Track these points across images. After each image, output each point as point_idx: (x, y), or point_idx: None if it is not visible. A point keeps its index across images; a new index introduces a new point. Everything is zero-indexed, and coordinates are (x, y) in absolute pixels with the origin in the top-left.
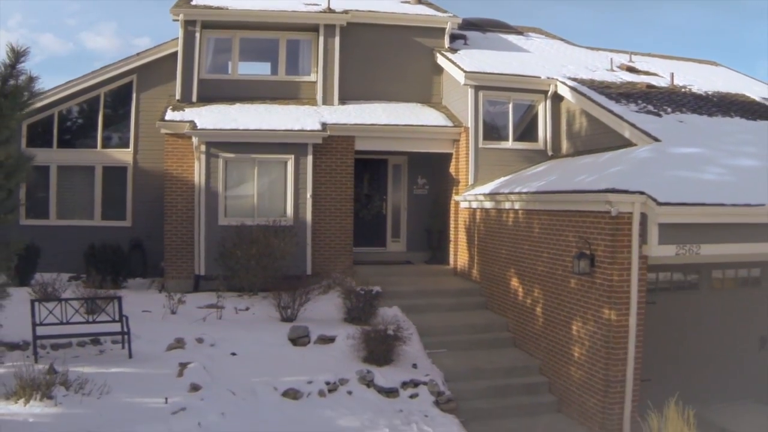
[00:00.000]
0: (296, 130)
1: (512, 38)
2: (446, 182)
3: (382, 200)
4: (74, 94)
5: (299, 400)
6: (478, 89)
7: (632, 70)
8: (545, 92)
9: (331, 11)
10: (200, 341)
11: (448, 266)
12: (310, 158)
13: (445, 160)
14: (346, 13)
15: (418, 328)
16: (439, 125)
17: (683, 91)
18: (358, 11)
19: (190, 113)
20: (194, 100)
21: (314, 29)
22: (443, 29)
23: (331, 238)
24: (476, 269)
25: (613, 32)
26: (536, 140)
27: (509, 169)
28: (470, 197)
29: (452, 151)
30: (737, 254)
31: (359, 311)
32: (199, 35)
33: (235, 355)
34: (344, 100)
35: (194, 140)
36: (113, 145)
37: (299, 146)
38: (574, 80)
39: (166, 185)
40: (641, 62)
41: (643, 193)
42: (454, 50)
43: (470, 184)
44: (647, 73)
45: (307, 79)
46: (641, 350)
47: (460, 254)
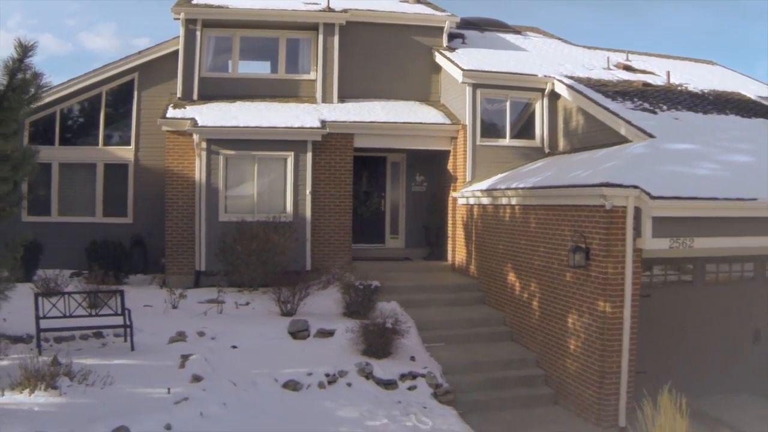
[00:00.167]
0: (296, 127)
1: (510, 37)
2: (444, 179)
3: (380, 197)
4: (76, 92)
5: (299, 391)
6: (475, 87)
7: (629, 68)
8: (542, 90)
9: (330, 10)
10: (201, 334)
11: (446, 262)
12: (309, 155)
13: (443, 157)
14: (345, 12)
15: (416, 322)
16: (437, 123)
17: (679, 89)
18: (357, 10)
19: (191, 111)
20: (195, 98)
21: (314, 28)
22: (441, 28)
23: (330, 234)
24: (474, 265)
25: (612, 33)
26: (533, 138)
27: (506, 166)
28: (468, 193)
29: (450, 148)
30: (730, 248)
31: (358, 305)
32: (199, 34)
33: (235, 348)
34: (343, 98)
35: (195, 137)
36: (115, 142)
37: (299, 143)
38: (571, 78)
39: (167, 182)
40: (638, 61)
41: (636, 187)
42: (452, 49)
43: (468, 181)
44: (644, 71)
45: (306, 77)
46: (636, 342)
47: (458, 250)
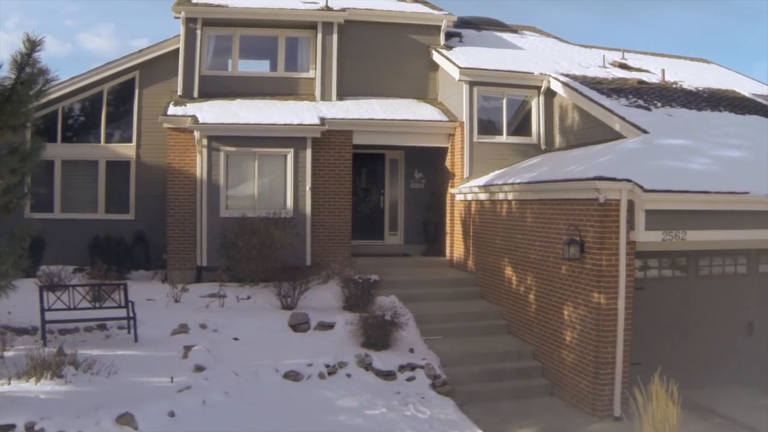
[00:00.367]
0: (295, 124)
1: (507, 36)
2: (442, 176)
3: (379, 194)
4: (78, 90)
5: (300, 381)
6: (472, 85)
7: (624, 66)
8: (538, 88)
9: (329, 9)
10: (203, 327)
11: (444, 258)
12: (309, 152)
13: (441, 154)
14: (343, 11)
15: (414, 315)
16: (434, 120)
17: (674, 86)
18: (355, 9)
19: (191, 108)
20: (196, 95)
21: (313, 27)
22: (439, 27)
23: (330, 230)
24: (471, 260)
25: (611, 34)
26: (530, 135)
27: (503, 162)
28: (465, 189)
29: (448, 145)
30: (723, 241)
31: (357, 299)
32: (200, 32)
33: (237, 339)
34: (342, 96)
35: (196, 134)
36: (116, 140)
37: (298, 140)
38: (566, 76)
39: (168, 179)
40: (634, 60)
41: (629, 180)
42: (449, 47)
43: (465, 177)
44: (639, 69)
45: (305, 75)
46: (630, 333)
47: (456, 246)
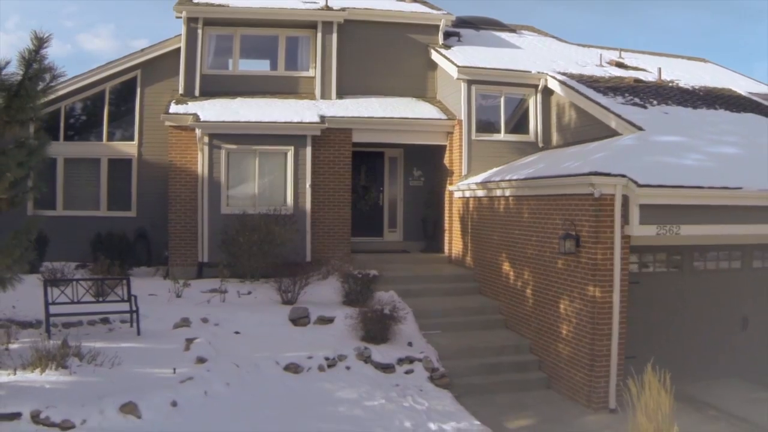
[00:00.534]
0: (296, 122)
1: (505, 35)
2: (441, 174)
3: (379, 192)
4: (80, 89)
5: (300, 373)
6: (470, 83)
7: (621, 65)
8: (536, 86)
9: (328, 9)
10: (205, 321)
11: (443, 254)
12: (309, 149)
13: (439, 152)
14: (343, 10)
15: (413, 310)
16: (433, 118)
17: (670, 85)
18: (354, 9)
19: (193, 106)
20: (197, 94)
21: (312, 26)
22: (437, 26)
23: (329, 226)
24: (470, 256)
25: (610, 35)
26: (527, 133)
27: (501, 160)
28: (464, 186)
29: (446, 143)
30: (716, 235)
31: (357, 294)
32: (201, 32)
33: (238, 333)
34: (342, 94)
35: (197, 132)
36: (118, 138)
37: (299, 138)
38: (563, 75)
39: (170, 176)
40: (631, 59)
41: (624, 176)
42: (447, 46)
43: (464, 175)
44: (636, 68)
45: (305, 74)
46: (625, 326)
47: (454, 242)
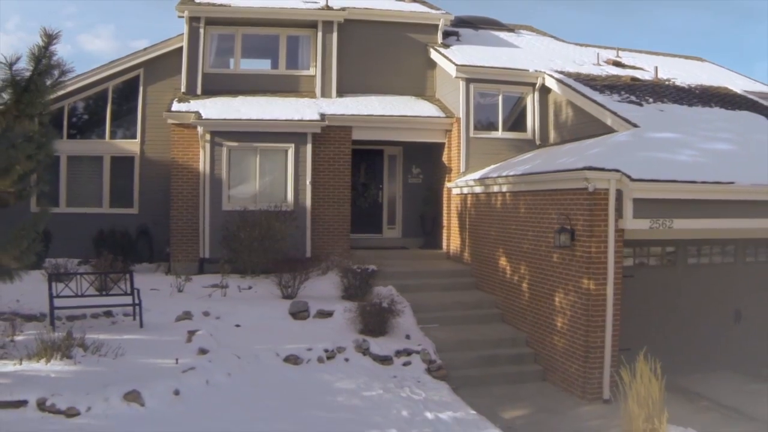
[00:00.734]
0: (296, 119)
1: (503, 35)
2: (439, 171)
3: (378, 189)
4: (83, 87)
5: (299, 365)
6: (469, 82)
7: (618, 64)
8: (533, 85)
9: (329, 8)
10: (206, 314)
11: (441, 250)
12: (309, 147)
13: (438, 149)
14: (343, 10)
15: (411, 304)
16: (432, 116)
17: (666, 83)
18: (354, 8)
19: (195, 105)
20: (199, 92)
21: (313, 26)
22: (436, 26)
23: (329, 223)
24: (467, 252)
25: (610, 34)
26: (525, 130)
27: (499, 157)
28: (462, 183)
29: (445, 141)
30: (709, 229)
31: (356, 289)
32: (203, 31)
33: (239, 326)
34: (342, 93)
35: (199, 130)
36: (121, 136)
37: (299, 135)
38: (561, 73)
39: (172, 173)
40: (628, 58)
41: (618, 170)
42: (446, 46)
43: (462, 172)
44: (633, 67)
45: (306, 73)
46: (619, 318)
47: (452, 238)
